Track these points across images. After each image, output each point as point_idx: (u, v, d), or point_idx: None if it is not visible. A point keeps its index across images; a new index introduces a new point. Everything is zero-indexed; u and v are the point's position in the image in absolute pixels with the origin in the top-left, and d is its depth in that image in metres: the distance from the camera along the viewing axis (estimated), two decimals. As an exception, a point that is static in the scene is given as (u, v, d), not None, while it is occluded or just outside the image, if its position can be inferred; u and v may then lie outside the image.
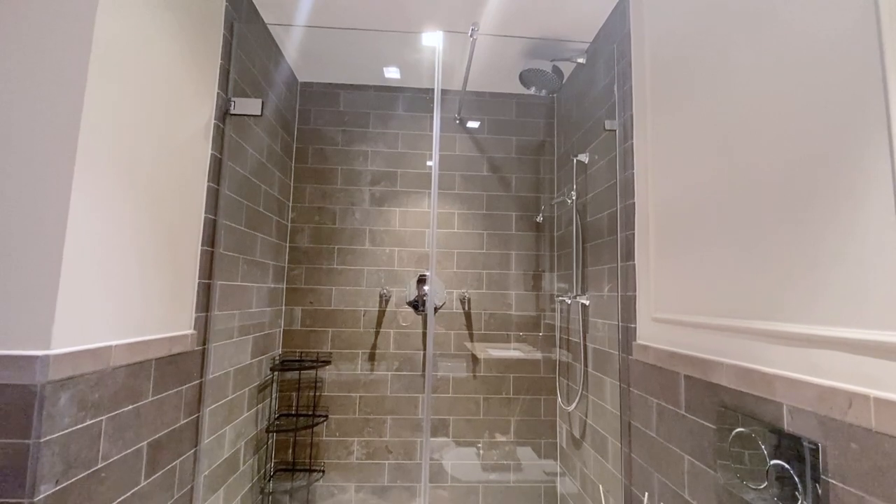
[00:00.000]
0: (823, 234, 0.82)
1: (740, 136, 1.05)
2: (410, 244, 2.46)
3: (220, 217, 1.55)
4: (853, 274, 0.76)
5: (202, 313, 1.45)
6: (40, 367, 0.84)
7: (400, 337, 2.39)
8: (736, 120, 1.07)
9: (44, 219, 0.88)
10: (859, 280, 0.75)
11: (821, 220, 0.83)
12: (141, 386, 1.13)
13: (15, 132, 0.89)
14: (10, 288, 0.86)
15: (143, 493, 1.16)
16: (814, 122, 0.85)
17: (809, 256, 0.85)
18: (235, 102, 1.58)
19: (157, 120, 1.18)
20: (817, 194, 0.84)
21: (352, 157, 2.49)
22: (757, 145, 1.00)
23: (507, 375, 2.40)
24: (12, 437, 0.83)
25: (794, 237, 0.89)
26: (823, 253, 0.82)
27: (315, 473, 2.24)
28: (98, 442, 0.99)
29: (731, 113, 1.09)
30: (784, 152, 0.92)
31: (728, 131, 1.10)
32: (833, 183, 0.80)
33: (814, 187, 0.85)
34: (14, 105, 0.90)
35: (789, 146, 0.91)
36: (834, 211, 0.80)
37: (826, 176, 0.82)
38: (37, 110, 0.90)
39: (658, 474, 1.34)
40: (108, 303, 1.02)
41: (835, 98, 0.81)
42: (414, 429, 2.34)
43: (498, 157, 2.55)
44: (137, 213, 1.12)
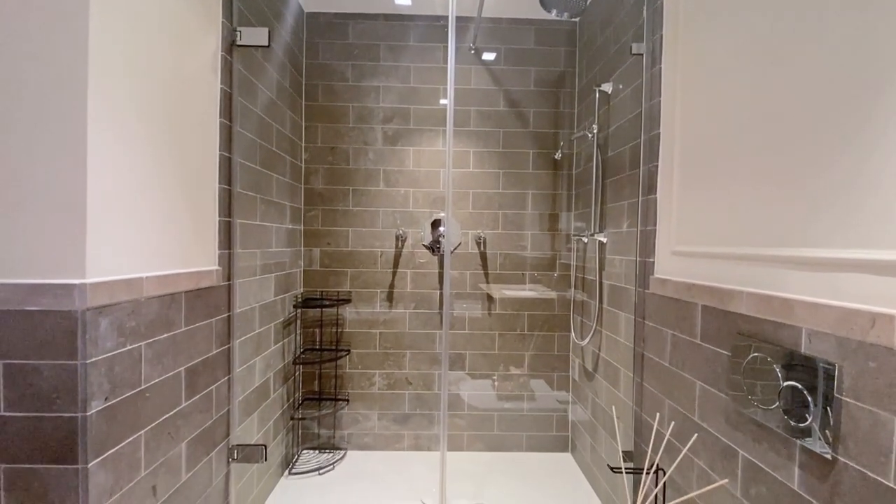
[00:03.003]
0: (868, 157, 0.77)
1: (780, 55, 0.97)
2: (425, 185, 2.43)
3: (235, 155, 1.54)
4: (890, 196, 0.73)
5: (225, 250, 1.49)
6: (78, 294, 0.88)
7: (417, 277, 2.43)
8: (777, 38, 0.98)
9: (63, 152, 0.89)
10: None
11: (864, 144, 0.78)
12: (173, 316, 1.19)
13: (22, 65, 0.88)
14: (42, 222, 0.88)
15: (185, 412, 1.25)
16: (860, 42, 0.78)
17: (846, 181, 0.81)
18: (241, 32, 1.51)
19: (163, 51, 1.14)
20: (862, 118, 0.78)
21: (363, 93, 2.41)
22: (797, 66, 0.92)
23: (521, 313, 2.45)
24: (61, 359, 0.89)
25: (831, 163, 0.84)
26: (862, 177, 0.78)
27: (340, 402, 2.38)
28: (139, 365, 1.06)
29: (771, 30, 1.00)
30: (827, 75, 0.85)
31: (766, 51, 1.01)
32: (877, 107, 0.75)
33: (858, 112, 0.79)
34: (18, 38, 0.87)
35: (833, 69, 0.84)
36: (881, 133, 0.75)
37: (870, 100, 0.76)
38: (41, 41, 0.88)
39: (669, 400, 1.39)
40: (136, 237, 1.04)
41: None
42: (431, 362, 2.44)
43: (515, 91, 2.43)
44: (155, 148, 1.11)
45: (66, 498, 0.90)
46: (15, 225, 0.88)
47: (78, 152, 0.89)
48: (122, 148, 0.99)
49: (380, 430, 2.44)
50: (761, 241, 1.02)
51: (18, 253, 0.89)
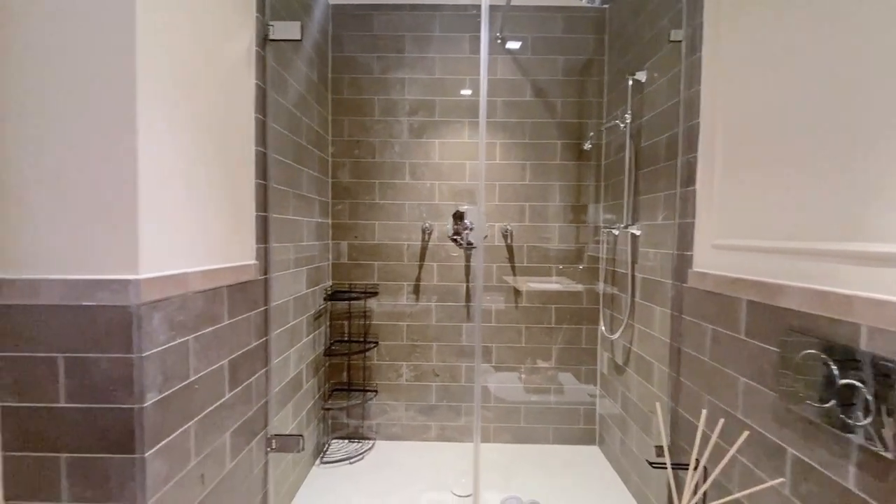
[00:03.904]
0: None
1: (839, 32, 0.93)
2: (451, 177, 2.42)
3: (270, 150, 1.55)
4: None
5: (262, 245, 1.51)
6: (133, 289, 0.91)
7: (443, 269, 2.44)
8: (835, 14, 0.94)
9: (116, 154, 0.91)
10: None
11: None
12: (217, 310, 1.21)
13: (76, 62, 0.89)
14: (98, 221, 0.91)
15: (228, 403, 1.28)
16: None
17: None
18: (274, 26, 1.52)
19: (203, 47, 1.15)
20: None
21: (388, 85, 2.40)
22: (862, 40, 0.88)
23: (548, 306, 2.43)
24: (118, 352, 0.91)
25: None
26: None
27: (368, 393, 2.41)
28: (188, 358, 1.08)
29: (830, 7, 0.95)
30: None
31: (823, 29, 0.97)
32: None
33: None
34: (72, 40, 0.89)
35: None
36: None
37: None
38: (92, 40, 0.89)
39: (709, 396, 1.37)
40: (182, 233, 1.06)
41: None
42: (458, 354, 2.45)
43: (542, 80, 2.39)
44: (198, 145, 1.13)
45: (126, 486, 0.93)
46: (72, 223, 0.91)
47: (129, 154, 0.91)
48: (167, 147, 1.01)
49: (407, 421, 2.46)
50: (815, 235, 0.98)
51: (76, 250, 0.91)
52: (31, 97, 0.90)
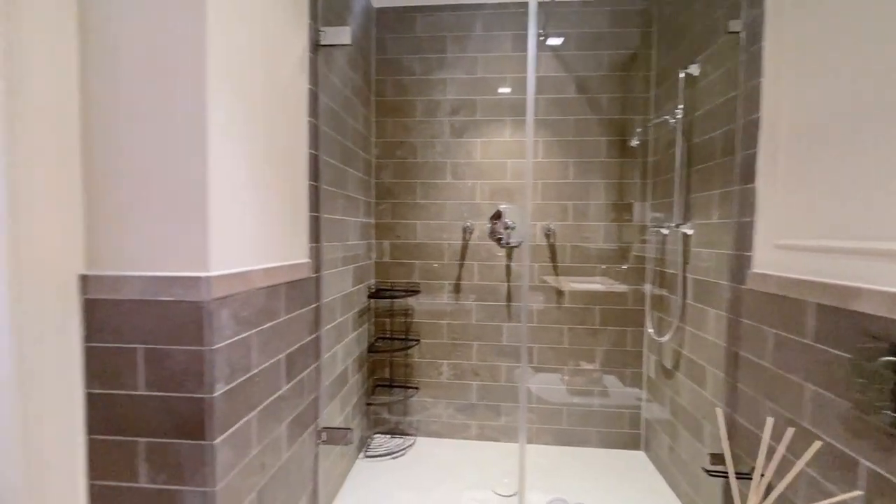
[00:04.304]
0: None
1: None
2: (492, 176, 2.41)
3: (321, 152, 1.61)
4: None
5: (314, 244, 1.56)
6: (205, 286, 0.96)
7: (483, 269, 2.44)
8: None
9: (187, 157, 0.96)
10: None
11: None
12: (276, 306, 1.27)
13: (157, 84, 0.96)
14: (173, 221, 0.97)
15: (284, 396, 1.34)
16: None
17: None
18: (325, 32, 1.56)
19: (264, 58, 1.20)
20: None
21: (430, 86, 2.42)
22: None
23: (592, 307, 2.38)
24: (192, 345, 0.97)
25: None
26: None
27: (410, 390, 2.45)
28: (250, 352, 1.14)
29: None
30: None
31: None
32: None
33: None
34: (154, 62, 0.95)
35: None
36: None
37: None
38: (171, 63, 0.95)
39: (771, 404, 1.30)
40: (245, 232, 1.12)
41: None
42: (498, 354, 2.45)
43: (586, 77, 2.34)
44: (259, 149, 1.18)
45: (197, 471, 0.99)
46: (151, 225, 0.97)
47: (200, 163, 0.96)
48: (232, 154, 1.06)
49: (448, 419, 2.48)
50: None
51: (154, 249, 0.98)
52: (119, 114, 0.97)
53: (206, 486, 0.99)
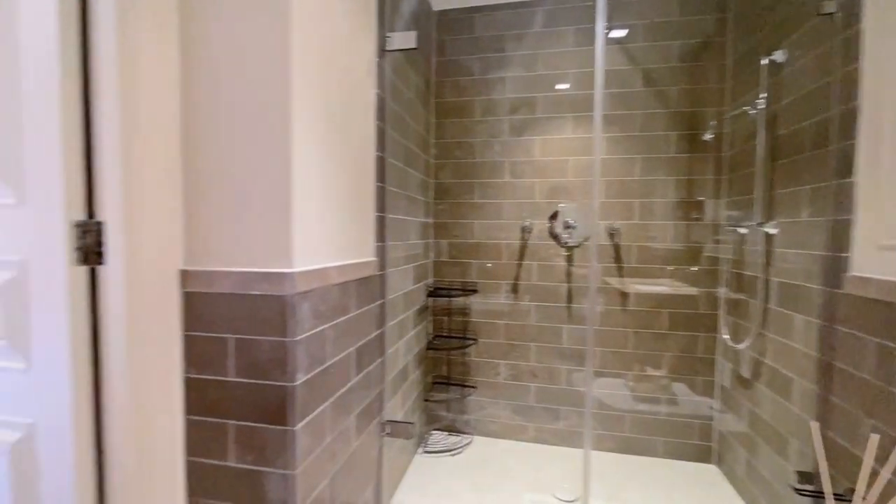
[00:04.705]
0: None
1: None
2: (551, 175, 2.37)
3: (387, 154, 1.66)
4: None
5: (379, 243, 1.61)
6: (289, 281, 1.03)
7: (542, 269, 2.40)
8: None
9: (276, 163, 1.03)
10: None
11: None
12: (348, 302, 1.33)
13: (250, 98, 1.03)
14: (261, 221, 1.04)
15: (354, 388, 1.40)
16: None
17: None
18: (392, 37, 1.61)
19: (338, 66, 1.26)
20: None
21: (489, 86, 2.42)
22: None
23: (659, 310, 2.27)
24: (277, 336, 1.04)
25: None
26: None
27: (467, 389, 2.46)
28: (325, 345, 1.20)
29: None
30: None
31: None
32: None
33: None
34: (247, 78, 1.03)
35: None
36: None
37: None
38: (260, 78, 1.02)
39: (872, 420, 1.18)
40: (321, 231, 1.18)
41: None
42: (557, 356, 2.40)
43: (654, 68, 2.24)
44: (334, 152, 1.24)
45: (280, 454, 1.06)
46: (241, 225, 1.05)
47: (285, 169, 1.03)
48: (311, 159, 1.12)
49: (505, 420, 2.47)
50: None
51: (243, 247, 1.06)
52: (214, 125, 1.06)
53: (287, 468, 1.06)
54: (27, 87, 0.90)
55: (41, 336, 0.94)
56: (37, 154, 0.91)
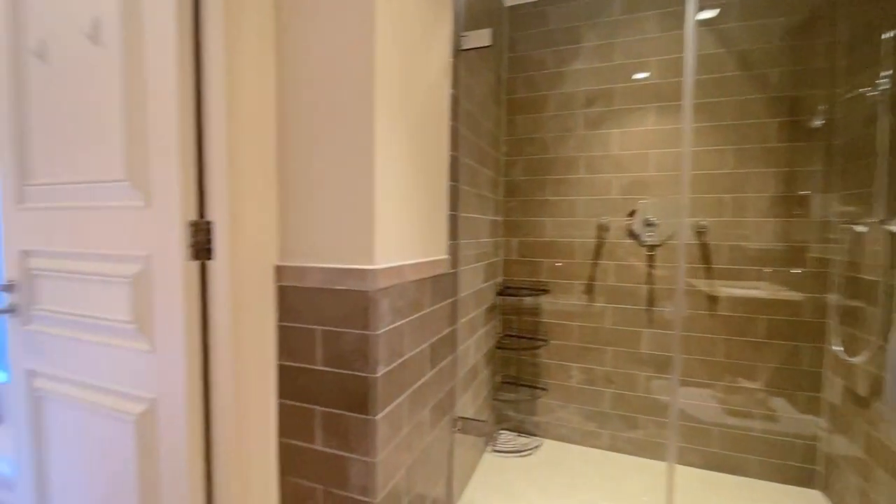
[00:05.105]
0: None
1: None
2: (630, 169, 2.25)
3: (460, 154, 1.67)
4: None
5: (452, 241, 1.63)
6: (371, 277, 1.07)
7: (620, 269, 2.28)
8: None
9: (361, 165, 1.08)
10: None
11: None
12: (422, 299, 1.36)
13: (337, 108, 1.10)
14: (346, 221, 1.10)
15: (428, 382, 1.43)
16: None
17: None
18: (467, 37, 1.62)
19: (415, 69, 1.29)
20: None
21: (563, 79, 2.35)
22: None
23: (755, 316, 2.07)
24: (360, 329, 1.09)
25: None
26: None
27: (538, 390, 2.42)
28: (402, 339, 1.24)
29: None
30: None
31: None
32: None
33: None
34: (335, 89, 1.09)
35: None
36: None
37: None
38: (345, 87, 1.08)
39: None
40: (399, 230, 1.22)
41: None
42: (635, 362, 2.27)
43: (751, 50, 2.04)
44: (410, 153, 1.27)
45: (361, 441, 1.11)
46: (329, 224, 1.12)
47: (369, 172, 1.07)
48: (391, 161, 1.16)
49: (577, 424, 2.39)
50: None
51: (331, 244, 1.12)
52: (304, 131, 1.14)
53: (368, 456, 1.11)
54: (152, 112, 1.03)
55: (162, 322, 1.07)
56: (160, 165, 1.03)
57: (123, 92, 1.06)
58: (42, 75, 1.19)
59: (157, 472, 1.12)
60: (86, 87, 1.12)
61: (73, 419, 1.25)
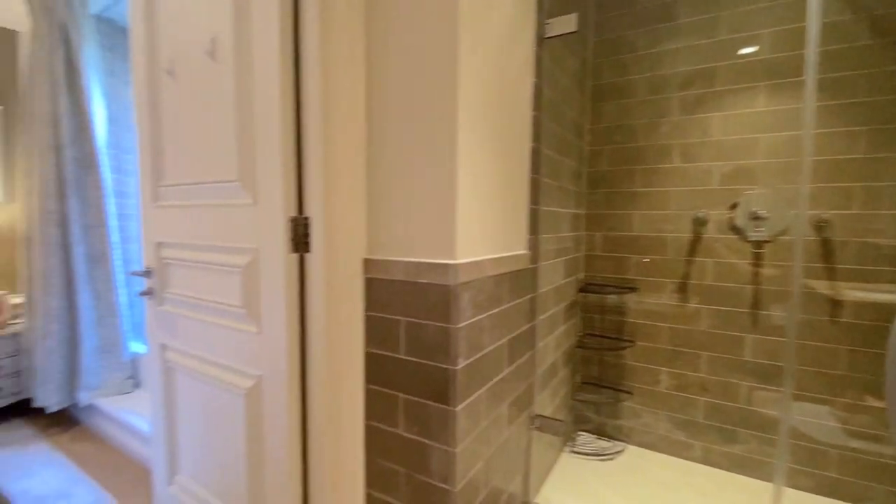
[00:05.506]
0: None
1: None
2: (734, 156, 2.03)
3: (542, 145, 1.63)
4: None
5: (532, 236, 1.60)
6: (452, 272, 1.09)
7: (719, 267, 2.08)
8: None
9: (443, 162, 1.10)
10: None
11: None
12: (501, 294, 1.35)
13: (421, 106, 1.12)
14: (429, 216, 1.13)
15: (506, 378, 1.42)
16: None
17: None
18: (551, 24, 1.56)
19: (498, 60, 1.28)
20: None
21: (656, 60, 2.17)
22: None
23: (887, 325, 1.77)
24: (441, 322, 1.12)
25: None
26: None
27: (622, 393, 2.30)
28: (482, 334, 1.24)
29: None
30: None
31: None
32: None
33: None
34: (419, 85, 1.12)
35: None
36: None
37: None
38: (430, 87, 1.10)
39: None
40: (479, 224, 1.22)
41: None
42: (736, 370, 2.06)
43: (887, 14, 1.72)
44: (491, 146, 1.27)
45: (442, 431, 1.14)
46: (413, 220, 1.16)
47: (451, 170, 1.09)
48: (473, 156, 1.16)
49: (664, 432, 2.24)
50: None
51: (414, 238, 1.16)
52: (390, 131, 1.18)
53: (449, 445, 1.14)
54: (258, 119, 1.14)
55: (267, 308, 1.19)
56: (265, 167, 1.14)
57: (235, 102, 1.18)
58: (171, 90, 1.37)
59: (262, 440, 1.26)
60: (205, 99, 1.26)
61: (195, 389, 1.44)
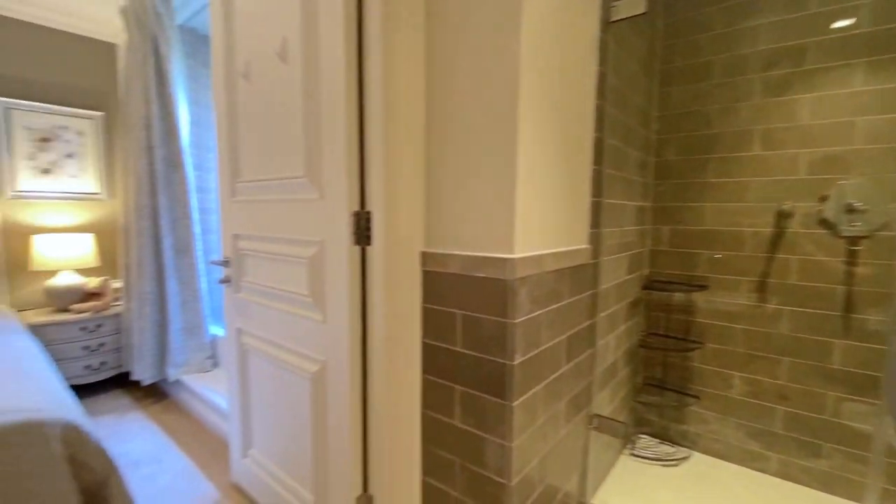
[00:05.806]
0: None
1: None
2: (826, 143, 1.82)
3: (605, 135, 1.56)
4: None
5: (594, 230, 1.54)
6: (509, 266, 1.08)
7: (804, 265, 1.89)
8: None
9: (503, 158, 1.09)
10: None
11: None
12: (561, 289, 1.32)
13: (483, 104, 1.12)
14: (487, 210, 1.13)
15: (564, 375, 1.39)
16: None
17: None
18: (617, 7, 1.49)
19: (560, 49, 1.24)
20: None
21: (734, 40, 2.00)
22: None
23: None
24: (498, 316, 1.12)
25: None
26: None
27: (689, 397, 2.17)
28: (540, 330, 1.22)
29: None
30: None
31: None
32: None
33: None
34: (483, 81, 1.11)
35: None
36: None
37: None
38: (493, 82, 1.09)
39: None
40: (539, 219, 1.20)
41: None
42: (822, 378, 1.87)
43: None
44: (552, 138, 1.23)
45: (498, 424, 1.14)
46: (471, 215, 1.16)
47: (511, 166, 1.07)
48: (533, 151, 1.14)
49: (736, 441, 2.08)
50: None
51: (473, 233, 1.16)
52: (449, 127, 1.19)
53: (504, 439, 1.14)
54: (324, 118, 1.19)
55: (331, 297, 1.24)
56: (330, 165, 1.19)
57: (303, 102, 1.24)
58: (246, 92, 1.47)
59: (326, 420, 1.33)
60: (276, 100, 1.34)
61: (267, 370, 1.54)
